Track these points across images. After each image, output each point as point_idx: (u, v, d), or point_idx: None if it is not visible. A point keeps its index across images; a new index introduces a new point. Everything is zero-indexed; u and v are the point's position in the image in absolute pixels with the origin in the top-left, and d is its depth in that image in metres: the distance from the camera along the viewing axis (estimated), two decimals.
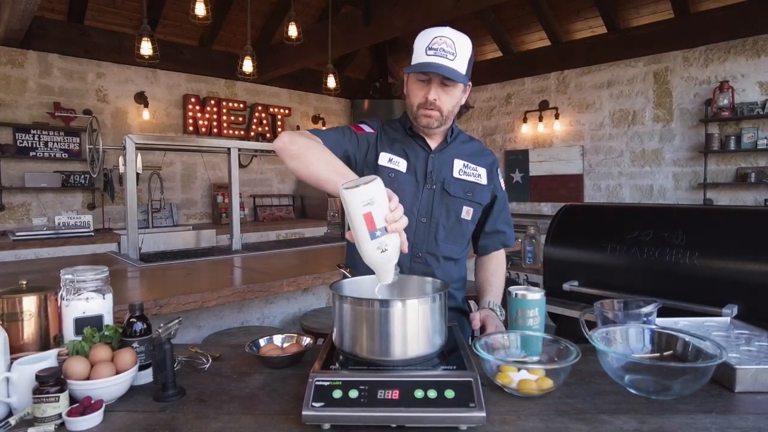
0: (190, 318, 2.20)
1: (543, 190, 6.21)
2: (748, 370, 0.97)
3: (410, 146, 1.41)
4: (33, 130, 4.65)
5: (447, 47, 1.24)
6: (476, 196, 1.42)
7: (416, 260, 1.38)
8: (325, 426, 0.85)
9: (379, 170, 1.36)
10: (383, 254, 0.94)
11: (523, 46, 6.23)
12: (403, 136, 1.42)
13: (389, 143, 1.41)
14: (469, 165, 1.43)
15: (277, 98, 6.57)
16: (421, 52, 1.25)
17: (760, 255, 1.60)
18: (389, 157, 1.38)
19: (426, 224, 1.38)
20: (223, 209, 5.69)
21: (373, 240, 0.93)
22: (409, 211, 1.33)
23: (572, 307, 2.06)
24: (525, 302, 1.20)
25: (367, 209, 0.91)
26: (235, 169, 3.21)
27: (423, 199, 1.37)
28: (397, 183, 1.35)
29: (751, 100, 4.62)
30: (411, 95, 1.34)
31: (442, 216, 1.38)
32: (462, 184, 1.40)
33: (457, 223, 1.40)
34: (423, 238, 1.38)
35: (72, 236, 4.24)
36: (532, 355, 1.09)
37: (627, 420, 0.87)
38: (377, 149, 1.39)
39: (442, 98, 1.30)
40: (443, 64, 1.23)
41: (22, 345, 1.09)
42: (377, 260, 0.95)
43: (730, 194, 4.83)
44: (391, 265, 0.97)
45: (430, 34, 1.26)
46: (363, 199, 0.91)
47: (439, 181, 1.38)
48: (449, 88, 1.29)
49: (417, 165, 1.38)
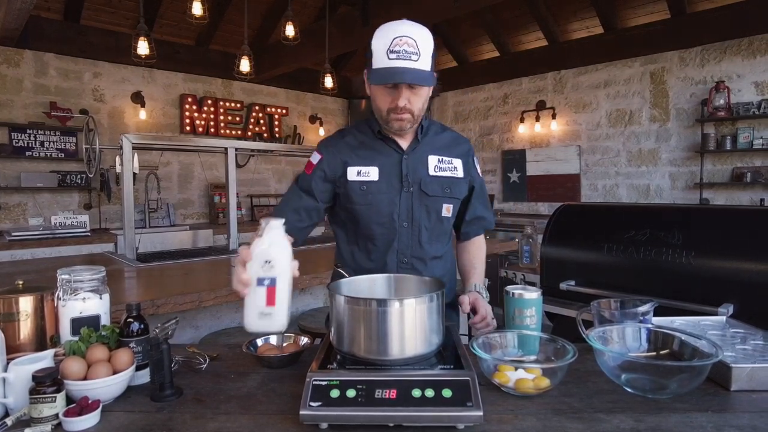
0: (188, 318, 2.20)
1: (540, 189, 6.22)
2: (743, 369, 0.98)
3: (381, 150, 1.35)
4: (29, 130, 4.63)
5: (409, 47, 1.17)
6: (454, 191, 1.38)
7: (403, 265, 1.36)
8: (322, 425, 0.85)
9: (350, 186, 1.32)
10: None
11: (520, 46, 6.24)
12: (372, 140, 1.36)
13: (357, 151, 1.35)
14: (444, 159, 1.38)
15: (275, 98, 6.56)
16: (382, 56, 1.18)
17: (756, 254, 1.61)
18: (357, 170, 1.32)
19: (408, 228, 1.35)
20: (220, 209, 5.68)
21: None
22: (388, 218, 1.33)
23: (569, 307, 2.06)
24: (522, 301, 1.20)
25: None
26: (232, 169, 3.20)
27: (402, 203, 1.33)
28: (371, 194, 1.32)
29: (746, 100, 4.64)
30: (378, 101, 1.27)
31: (423, 218, 1.35)
32: (439, 182, 1.36)
33: (438, 222, 1.38)
34: (407, 243, 1.35)
35: (68, 236, 4.23)
36: (530, 354, 1.10)
37: (624, 419, 0.87)
38: (344, 166, 1.33)
39: (412, 101, 1.24)
40: (408, 67, 1.17)
41: (18, 345, 1.09)
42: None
43: (726, 194, 4.85)
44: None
45: (389, 35, 1.18)
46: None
47: (415, 182, 1.34)
48: (417, 89, 1.23)
49: (391, 170, 1.33)
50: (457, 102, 7.07)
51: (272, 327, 0.93)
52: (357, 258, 1.40)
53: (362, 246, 1.38)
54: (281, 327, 0.94)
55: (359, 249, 1.39)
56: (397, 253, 1.35)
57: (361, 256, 1.39)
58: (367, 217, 1.34)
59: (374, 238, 1.35)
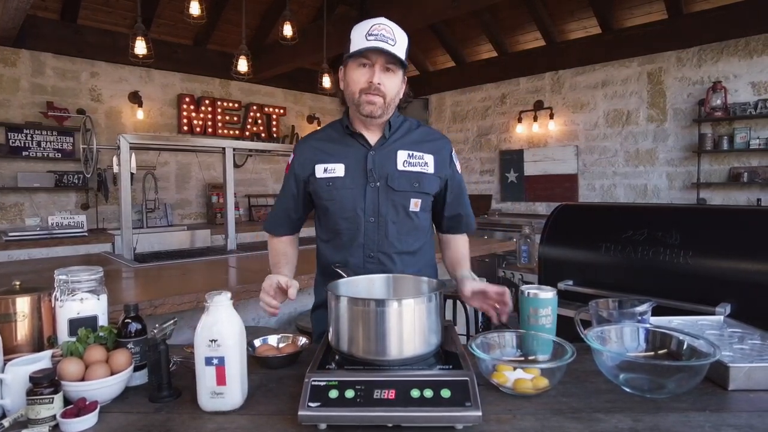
0: (186, 318, 2.19)
1: (538, 189, 6.23)
2: (741, 368, 0.98)
3: (349, 146, 1.39)
4: (26, 130, 4.61)
5: (387, 33, 1.25)
6: (423, 185, 1.37)
7: (369, 260, 1.37)
8: (321, 426, 0.85)
9: (318, 182, 1.37)
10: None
11: (518, 46, 6.25)
12: (342, 136, 1.40)
13: (326, 149, 1.40)
14: (415, 154, 1.38)
15: (272, 98, 6.56)
16: (361, 39, 1.25)
17: (753, 254, 1.62)
18: (324, 167, 1.37)
19: (374, 223, 1.36)
20: (218, 209, 5.67)
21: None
22: (353, 212, 1.34)
23: (567, 307, 2.06)
24: (538, 301, 1.19)
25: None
26: (229, 169, 3.20)
27: (368, 198, 1.35)
28: (336, 190, 1.35)
29: (743, 101, 4.65)
30: (352, 83, 1.31)
31: (390, 212, 1.36)
32: (407, 176, 1.36)
33: (406, 217, 1.38)
34: (373, 238, 1.36)
35: (65, 236, 4.22)
36: (543, 354, 1.09)
37: (622, 418, 0.88)
38: (312, 164, 1.38)
39: (385, 82, 1.28)
40: (385, 48, 1.23)
41: (15, 346, 1.09)
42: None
43: (723, 194, 4.86)
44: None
45: (368, 23, 1.26)
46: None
47: (382, 177, 1.35)
48: (391, 73, 1.29)
49: (356, 165, 1.36)
50: (454, 102, 7.07)
51: (225, 406, 0.93)
52: (325, 252, 1.45)
53: (330, 240, 1.42)
54: (235, 405, 0.94)
55: (328, 243, 1.44)
56: (363, 248, 1.37)
57: (329, 250, 1.43)
58: (333, 212, 1.37)
59: (340, 232, 1.38)
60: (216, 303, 0.94)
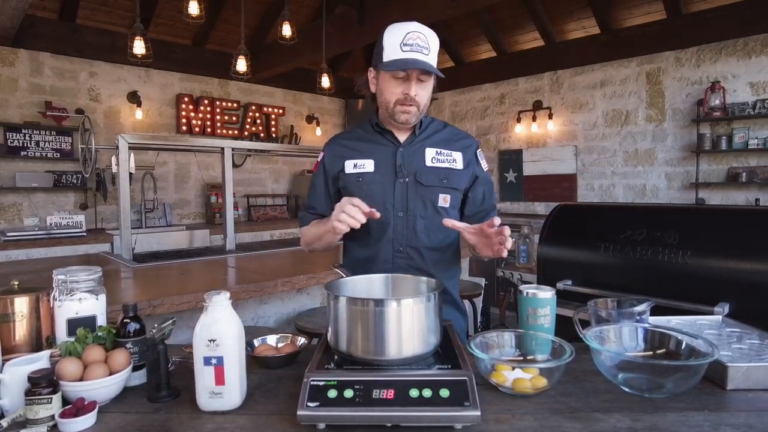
0: (184, 318, 2.19)
1: (537, 189, 6.23)
2: (739, 368, 0.98)
3: (378, 143, 1.42)
4: (24, 130, 4.61)
5: (422, 42, 1.26)
6: (452, 181, 1.40)
7: (398, 254, 1.38)
8: (320, 426, 0.85)
9: (347, 178, 1.40)
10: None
11: (516, 46, 6.25)
12: (371, 135, 1.44)
13: (356, 146, 1.43)
14: (443, 152, 1.41)
15: (271, 98, 6.55)
16: (396, 48, 1.26)
17: (752, 254, 1.62)
18: (354, 163, 1.40)
19: (403, 218, 1.38)
20: (217, 209, 5.67)
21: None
22: (382, 207, 1.35)
23: (566, 306, 2.06)
24: (536, 301, 1.19)
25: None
26: (228, 169, 3.19)
27: (396, 193, 1.37)
28: (366, 185, 1.38)
29: (742, 101, 4.66)
30: (386, 92, 1.33)
31: (419, 208, 1.38)
32: (436, 172, 1.39)
33: (435, 213, 1.39)
34: (402, 233, 1.38)
35: (64, 236, 4.21)
36: (542, 354, 1.09)
37: (620, 418, 0.88)
38: (342, 160, 1.42)
39: (420, 92, 1.31)
40: (421, 59, 1.25)
41: (13, 346, 1.08)
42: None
43: (722, 194, 4.87)
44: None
45: (402, 30, 1.27)
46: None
47: (411, 173, 1.38)
48: (425, 83, 1.32)
49: (386, 161, 1.39)
50: (453, 102, 7.07)
51: (224, 406, 0.93)
52: (353, 249, 1.46)
53: (358, 236, 1.41)
54: (233, 405, 0.94)
55: (355, 240, 1.43)
56: (392, 242, 1.38)
57: (357, 246, 1.44)
58: None
59: (369, 227, 1.38)
60: (215, 303, 0.94)
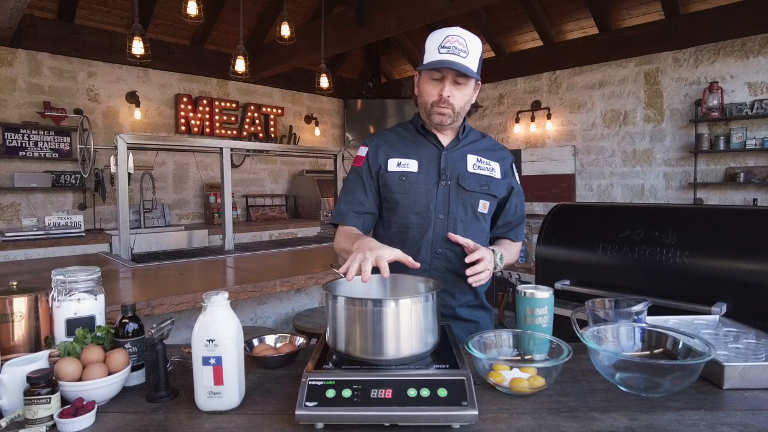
0: (183, 318, 2.19)
1: (535, 189, 6.24)
2: (736, 368, 0.99)
3: (422, 145, 1.44)
4: (22, 130, 4.60)
5: (459, 45, 1.28)
6: (492, 188, 1.43)
7: (436, 256, 1.39)
8: (318, 425, 0.85)
9: (390, 176, 1.40)
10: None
11: (515, 46, 6.26)
12: (414, 136, 1.46)
13: (399, 145, 1.44)
14: (482, 160, 1.44)
15: (270, 98, 6.55)
16: (434, 51, 1.29)
17: (749, 254, 1.63)
18: (397, 162, 1.41)
19: (444, 220, 1.39)
20: (216, 209, 5.66)
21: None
22: (425, 208, 1.37)
23: (564, 306, 2.07)
24: (534, 300, 1.20)
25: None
26: (227, 169, 3.19)
27: (439, 195, 1.39)
28: (409, 184, 1.39)
29: (740, 101, 4.67)
30: (424, 94, 1.36)
31: (459, 211, 1.40)
32: (477, 178, 1.42)
33: (474, 218, 1.42)
34: (442, 235, 1.39)
35: (63, 237, 4.21)
36: (540, 353, 1.10)
37: (618, 417, 0.88)
38: (386, 157, 1.42)
39: (455, 95, 1.33)
40: (456, 61, 1.27)
41: (12, 346, 1.08)
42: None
43: (720, 194, 4.88)
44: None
45: (442, 33, 1.29)
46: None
47: (453, 177, 1.40)
48: (461, 85, 1.33)
49: (430, 163, 1.41)
50: None
51: (223, 406, 0.94)
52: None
53: (397, 235, 1.41)
54: (232, 405, 0.94)
55: (394, 238, 1.42)
56: (431, 243, 1.39)
57: (395, 245, 1.40)
58: (404, 206, 1.40)
59: (409, 227, 1.40)
60: (213, 303, 0.95)
